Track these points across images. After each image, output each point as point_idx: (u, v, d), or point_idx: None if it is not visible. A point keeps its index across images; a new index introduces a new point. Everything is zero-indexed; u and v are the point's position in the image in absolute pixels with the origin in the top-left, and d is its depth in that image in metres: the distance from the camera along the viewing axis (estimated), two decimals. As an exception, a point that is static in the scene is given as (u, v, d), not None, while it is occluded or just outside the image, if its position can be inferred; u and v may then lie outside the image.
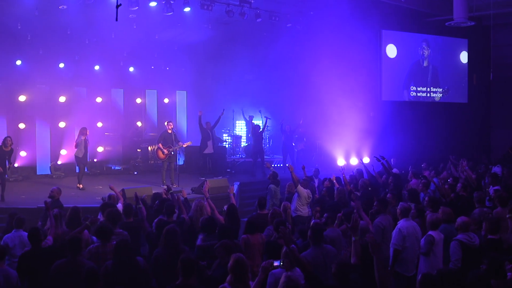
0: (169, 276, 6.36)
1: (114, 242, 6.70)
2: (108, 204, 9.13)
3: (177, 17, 15.61)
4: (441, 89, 21.40)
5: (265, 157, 19.18)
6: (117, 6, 8.94)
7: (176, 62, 19.56)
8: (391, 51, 20.26)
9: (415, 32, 20.81)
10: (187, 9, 15.22)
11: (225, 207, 9.19)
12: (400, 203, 8.47)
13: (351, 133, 18.71)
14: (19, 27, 14.97)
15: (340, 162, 18.87)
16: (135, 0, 13.89)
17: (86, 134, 15.09)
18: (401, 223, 7.74)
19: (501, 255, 6.02)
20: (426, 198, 9.24)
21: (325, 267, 6.41)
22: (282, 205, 9.94)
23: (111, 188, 10.22)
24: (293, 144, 19.49)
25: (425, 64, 21.06)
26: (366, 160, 18.92)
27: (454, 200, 9.92)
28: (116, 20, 8.87)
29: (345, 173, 12.19)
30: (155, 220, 7.93)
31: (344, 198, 10.65)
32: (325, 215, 8.37)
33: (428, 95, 21.24)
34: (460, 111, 21.36)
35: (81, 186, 14.93)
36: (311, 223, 8.01)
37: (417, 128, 19.73)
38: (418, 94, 20.98)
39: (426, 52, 20.99)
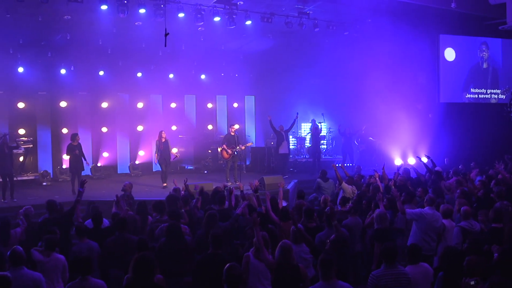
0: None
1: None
2: (172, 195, 10.58)
3: (240, 29, 16.73)
4: (500, 90, 21.63)
5: (327, 157, 20.25)
6: (166, 35, 10.37)
7: (243, 69, 20.95)
8: (450, 54, 20.74)
9: (473, 36, 21.11)
10: (248, 22, 16.34)
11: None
12: (428, 194, 9.52)
13: (409, 134, 19.36)
14: (100, 43, 16.89)
15: (398, 161, 19.69)
16: (200, 16, 15.32)
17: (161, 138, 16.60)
18: (425, 209, 8.82)
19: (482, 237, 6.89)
20: (458, 191, 10.23)
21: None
22: (322, 197, 11.14)
23: (184, 182, 11.56)
24: (356, 144, 20.45)
25: (484, 66, 21.37)
26: (424, 159, 19.61)
27: (482, 196, 10.70)
28: (165, 46, 10.23)
29: (386, 170, 13.11)
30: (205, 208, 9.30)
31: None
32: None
33: (488, 96, 21.53)
34: (520, 111, 21.40)
35: (165, 184, 16.36)
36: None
37: (475, 128, 20.01)
38: (478, 96, 21.33)
39: (485, 54, 21.27)
